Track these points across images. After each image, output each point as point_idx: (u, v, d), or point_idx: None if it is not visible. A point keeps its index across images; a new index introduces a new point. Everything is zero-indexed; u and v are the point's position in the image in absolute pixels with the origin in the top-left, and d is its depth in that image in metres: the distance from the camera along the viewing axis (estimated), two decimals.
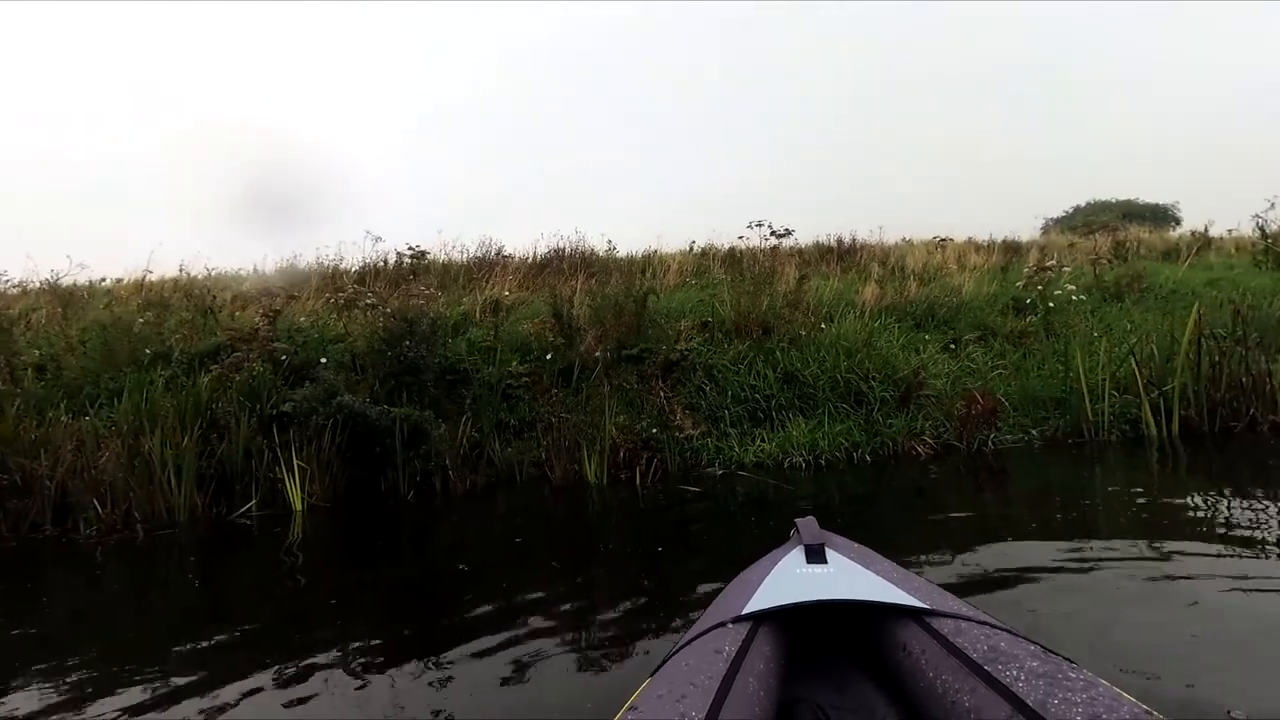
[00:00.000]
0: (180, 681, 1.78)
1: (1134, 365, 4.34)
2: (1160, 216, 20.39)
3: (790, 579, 1.15)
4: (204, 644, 2.07)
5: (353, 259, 7.64)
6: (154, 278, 7.48)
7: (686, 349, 5.14)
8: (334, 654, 1.91)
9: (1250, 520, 2.58)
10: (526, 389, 4.95)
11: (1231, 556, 2.15)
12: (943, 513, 3.24)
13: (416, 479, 4.09)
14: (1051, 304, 5.90)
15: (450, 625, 2.08)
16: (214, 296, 6.29)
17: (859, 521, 3.05)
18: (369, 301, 5.36)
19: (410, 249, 6.87)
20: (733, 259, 7.96)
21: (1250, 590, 1.84)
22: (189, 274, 7.73)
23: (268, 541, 3.40)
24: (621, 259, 8.65)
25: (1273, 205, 12.03)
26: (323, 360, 4.79)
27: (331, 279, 6.95)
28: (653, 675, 0.96)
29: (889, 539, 2.67)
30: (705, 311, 5.70)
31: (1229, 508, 2.84)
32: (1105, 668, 1.42)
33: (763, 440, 4.31)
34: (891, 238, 9.70)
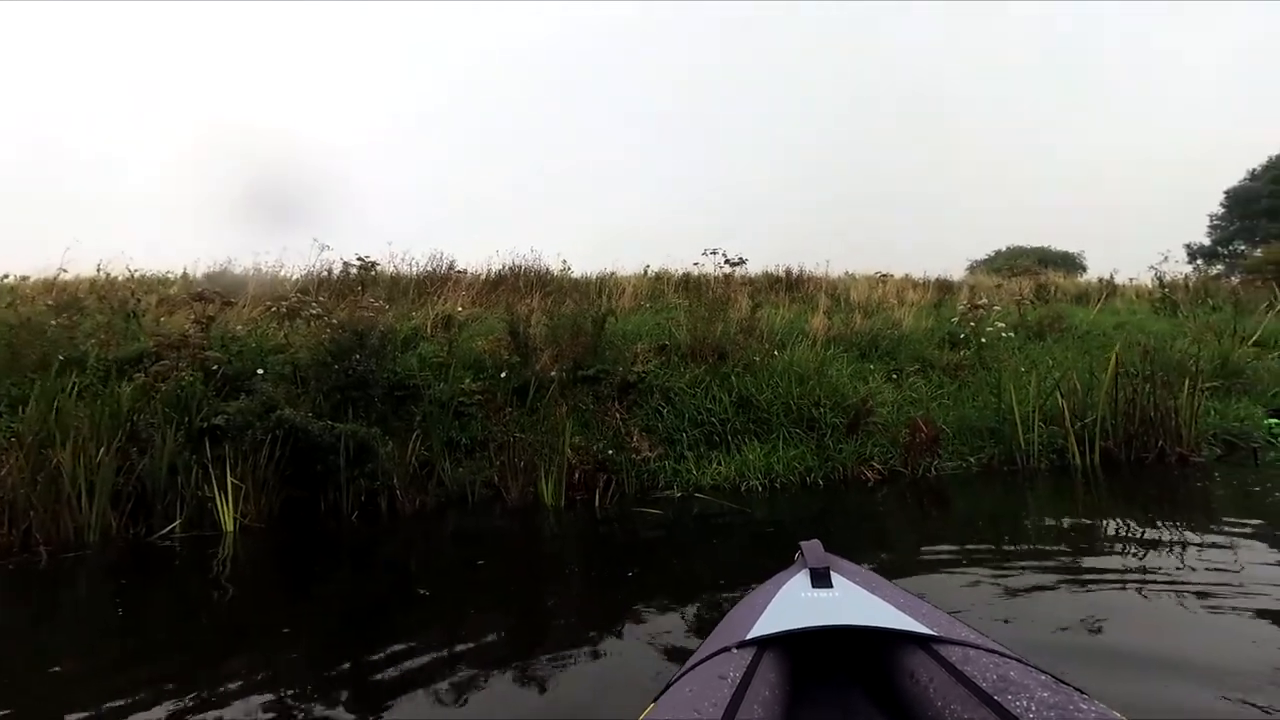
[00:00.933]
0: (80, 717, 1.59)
1: (1060, 399, 4.67)
2: (1069, 264, 22.25)
3: (795, 603, 1.14)
4: (111, 677, 1.86)
5: (294, 266, 7.31)
6: (68, 277, 6.89)
7: (643, 371, 5.16)
8: (262, 689, 1.74)
9: (1152, 538, 2.95)
10: (479, 407, 4.83)
11: (1134, 560, 2.58)
12: (890, 532, 3.37)
13: (361, 499, 3.89)
14: (984, 340, 6.28)
15: (412, 654, 1.96)
16: (137, 299, 5.85)
17: (807, 538, 3.13)
18: (314, 311, 5.11)
19: (359, 259, 6.62)
20: (687, 285, 8.09)
21: (1141, 588, 2.25)
22: (108, 274, 7.18)
23: (193, 565, 3.13)
24: (577, 279, 8.66)
25: (1165, 259, 13.37)
26: (260, 371, 4.52)
27: (270, 286, 6.61)
28: (655, 701, 0.94)
29: (837, 549, 2.79)
30: (662, 335, 5.74)
31: (1137, 528, 3.16)
32: (1031, 646, 1.68)
33: (719, 463, 4.34)
34: (836, 271, 10.15)
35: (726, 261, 7.46)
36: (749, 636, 1.04)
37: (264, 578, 3.08)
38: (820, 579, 1.21)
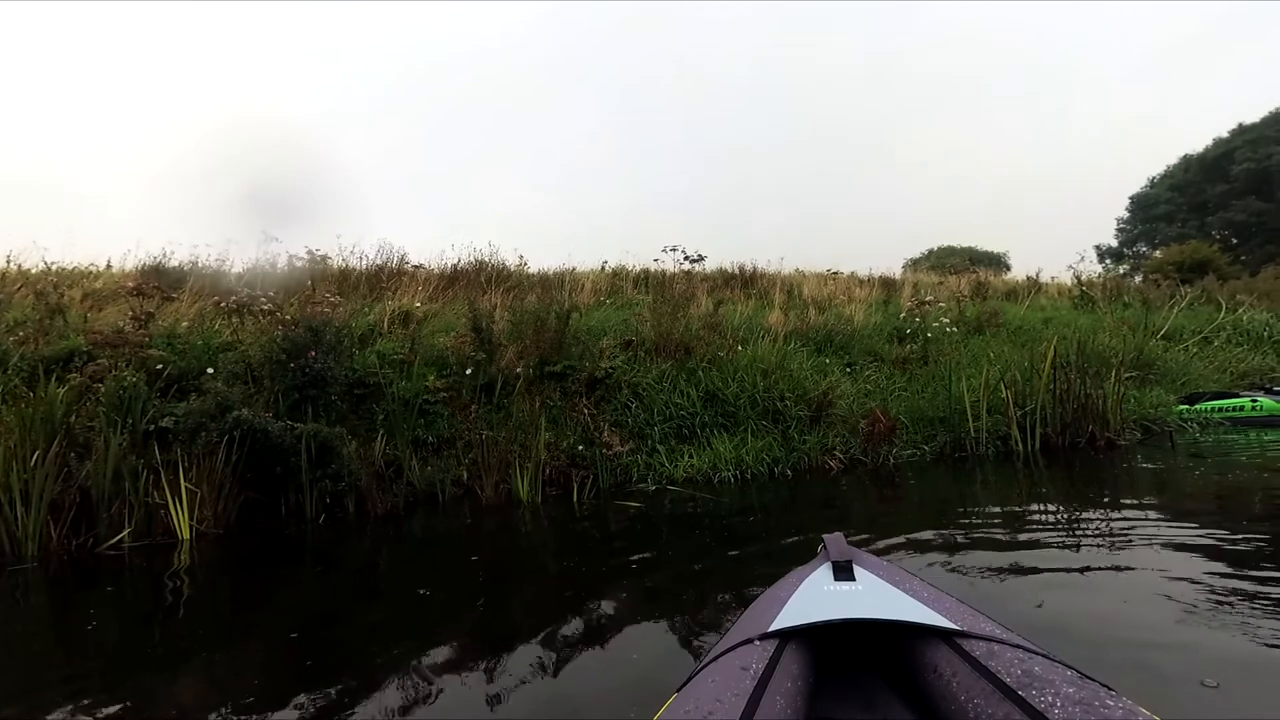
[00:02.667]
0: None
1: (1004, 390, 4.99)
2: (995, 262, 23.74)
3: (818, 596, 1.14)
4: (51, 701, 1.72)
5: (236, 260, 6.92)
6: None
7: (610, 367, 5.18)
8: (230, 707, 1.65)
9: (1081, 512, 3.31)
10: (445, 405, 4.73)
11: (1066, 531, 2.93)
12: (856, 515, 3.56)
13: (327, 501, 3.74)
14: (929, 335, 6.62)
15: (409, 658, 1.92)
16: (60, 294, 5.40)
17: (781, 526, 3.32)
18: (264, 307, 4.87)
19: (309, 251, 6.33)
20: (647, 281, 8.15)
21: (1070, 547, 2.65)
22: (19, 266, 6.59)
23: (147, 575, 2.93)
24: (533, 275, 8.58)
25: (1082, 259, 14.41)
26: (209, 370, 4.28)
27: (212, 280, 6.23)
28: (678, 691, 0.94)
29: (807, 534, 3.10)
30: (628, 331, 5.77)
31: (1069, 504, 3.52)
32: (984, 599, 2.04)
33: (691, 456, 4.42)
34: (787, 268, 10.45)
35: (686, 258, 7.56)
36: (771, 629, 1.04)
37: (227, 586, 2.93)
38: (843, 572, 1.21)
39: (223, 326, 5.08)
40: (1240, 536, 2.61)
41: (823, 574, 1.23)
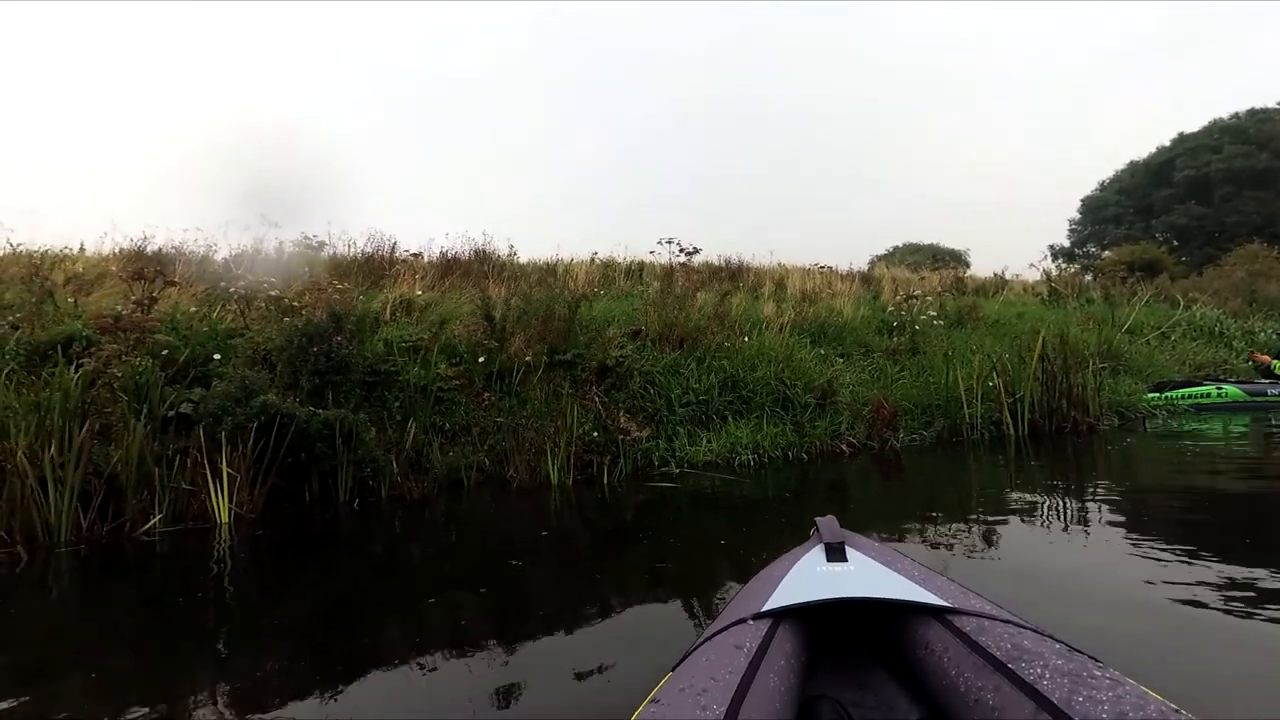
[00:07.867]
0: None
1: (996, 378, 5.28)
2: (957, 259, 24.61)
3: (811, 576, 1.15)
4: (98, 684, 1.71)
5: (223, 245, 6.72)
6: None
7: (621, 355, 5.26)
8: (298, 684, 1.67)
9: (1063, 489, 3.61)
10: (459, 392, 4.74)
11: (1048, 505, 3.21)
12: (865, 493, 3.81)
13: (361, 486, 3.75)
14: (918, 327, 6.91)
15: (508, 627, 1.99)
16: (45, 277, 5.18)
17: (808, 506, 3.48)
18: (271, 293, 4.78)
19: (304, 237, 6.21)
20: (641, 272, 8.24)
21: (1050, 516, 2.96)
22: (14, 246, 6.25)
23: (193, 559, 2.90)
24: (525, 265, 8.56)
25: (1045, 258, 15.15)
26: (216, 356, 4.21)
27: (200, 266, 6.05)
28: (673, 670, 0.95)
29: (814, 512, 3.23)
30: (633, 321, 5.86)
31: (1053, 482, 3.82)
32: (977, 568, 2.27)
33: (710, 441, 4.55)
34: (771, 262, 10.68)
35: (681, 250, 7.68)
36: (765, 608, 1.05)
37: (275, 569, 2.92)
38: (835, 553, 1.23)
39: (224, 312, 4.97)
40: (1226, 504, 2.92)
41: (815, 555, 1.25)
